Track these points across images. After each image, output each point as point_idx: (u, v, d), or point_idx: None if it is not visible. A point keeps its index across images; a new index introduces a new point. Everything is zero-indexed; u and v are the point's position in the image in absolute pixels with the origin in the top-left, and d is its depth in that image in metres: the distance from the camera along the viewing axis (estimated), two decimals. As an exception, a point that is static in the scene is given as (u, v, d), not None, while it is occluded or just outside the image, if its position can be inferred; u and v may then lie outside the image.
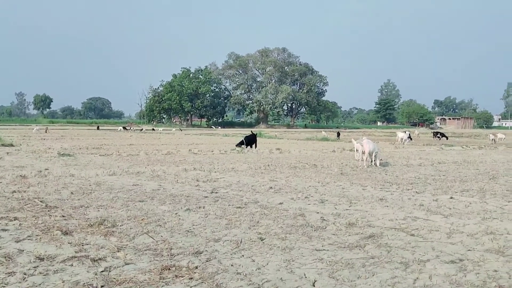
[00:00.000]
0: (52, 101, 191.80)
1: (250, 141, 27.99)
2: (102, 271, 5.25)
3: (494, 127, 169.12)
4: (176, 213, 8.35)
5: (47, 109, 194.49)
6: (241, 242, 6.49)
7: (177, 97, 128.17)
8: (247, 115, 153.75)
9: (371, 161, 17.44)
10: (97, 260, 5.62)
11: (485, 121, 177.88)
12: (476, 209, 9.16)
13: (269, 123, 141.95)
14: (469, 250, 6.26)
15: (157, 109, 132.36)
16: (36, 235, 6.66)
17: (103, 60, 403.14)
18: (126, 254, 5.84)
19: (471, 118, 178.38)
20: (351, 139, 25.84)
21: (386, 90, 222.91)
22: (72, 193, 10.34)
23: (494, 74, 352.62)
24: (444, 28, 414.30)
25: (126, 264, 5.51)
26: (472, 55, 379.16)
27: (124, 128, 78.93)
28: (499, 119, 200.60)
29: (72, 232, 6.86)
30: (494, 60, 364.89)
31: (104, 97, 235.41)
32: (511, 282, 5.09)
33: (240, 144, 27.86)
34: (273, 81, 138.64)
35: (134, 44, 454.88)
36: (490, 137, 43.76)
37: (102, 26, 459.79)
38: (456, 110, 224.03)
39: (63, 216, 7.98)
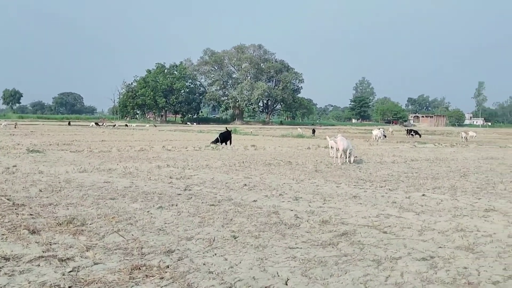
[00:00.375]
0: (22, 96, 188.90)
1: (225, 138, 27.84)
2: (70, 271, 5.11)
3: (466, 125, 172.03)
4: (148, 211, 8.22)
5: (17, 104, 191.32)
6: (214, 240, 6.41)
7: (151, 93, 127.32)
8: (223, 112, 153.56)
9: (346, 158, 17.49)
10: (65, 260, 5.48)
11: (457, 119, 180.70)
12: (447, 206, 9.23)
13: (244, 119, 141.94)
14: (440, 247, 6.30)
15: (131, 104, 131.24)
16: (2, 234, 6.47)
17: (75, 54, 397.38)
18: (95, 254, 5.71)
19: (443, 116, 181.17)
20: (326, 137, 25.91)
21: (361, 88, 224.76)
22: (40, 190, 10.11)
23: (465, 74, 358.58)
24: (418, 28, 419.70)
25: (95, 264, 5.38)
26: (445, 54, 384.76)
27: (97, 124, 77.87)
28: (470, 117, 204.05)
29: (40, 231, 6.69)
30: (466, 60, 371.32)
31: (76, 92, 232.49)
32: (480, 278, 5.12)
33: (215, 141, 27.66)
34: (249, 77, 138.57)
35: (107, 39, 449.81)
36: (462, 135, 44.42)
37: (73, 20, 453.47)
38: (429, 108, 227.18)
39: (31, 214, 7.79)
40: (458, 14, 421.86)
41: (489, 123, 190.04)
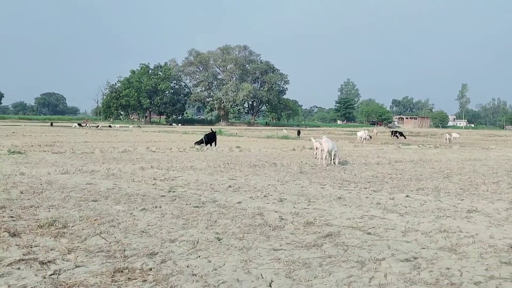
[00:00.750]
0: (3, 96, 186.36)
1: (210, 139, 27.67)
2: (51, 275, 5.04)
3: (449, 126, 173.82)
4: (131, 213, 8.14)
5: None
6: (197, 242, 6.37)
7: (135, 94, 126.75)
8: (208, 113, 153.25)
9: (331, 160, 17.51)
10: (46, 263, 5.40)
11: (440, 121, 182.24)
12: (431, 207, 9.29)
13: (229, 120, 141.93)
14: (423, 248, 6.32)
15: (114, 105, 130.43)
16: (-18, 237, 6.36)
17: (58, 55, 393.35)
18: (77, 256, 5.64)
19: (427, 117, 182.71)
20: (311, 138, 25.96)
21: (346, 89, 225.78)
22: (21, 192, 9.96)
23: (449, 76, 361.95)
24: (403, 30, 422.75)
25: (76, 266, 5.31)
26: (429, 56, 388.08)
27: (80, 124, 77.04)
28: (454, 119, 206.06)
29: (21, 233, 6.58)
30: (450, 62, 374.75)
31: (59, 92, 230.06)
32: (462, 279, 5.15)
33: (199, 142, 27.47)
34: (234, 78, 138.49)
35: (90, 38, 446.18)
36: (446, 137, 44.80)
37: (56, 20, 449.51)
38: (413, 110, 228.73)
39: (12, 216, 7.66)
40: (441, 16, 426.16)
41: (472, 125, 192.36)
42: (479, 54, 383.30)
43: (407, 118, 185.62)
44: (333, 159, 17.50)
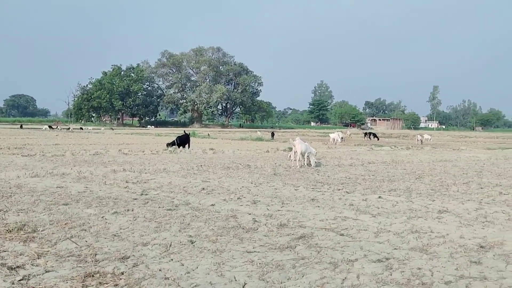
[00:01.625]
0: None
1: (183, 141, 27.41)
2: (20, 280, 4.95)
3: (421, 128, 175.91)
4: (102, 217, 8.03)
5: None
6: (170, 245, 6.32)
7: (107, 95, 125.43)
8: (181, 115, 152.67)
9: (304, 161, 17.57)
10: (15, 268, 5.29)
11: (412, 122, 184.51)
12: (403, 208, 9.39)
13: (203, 122, 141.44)
14: (395, 248, 6.38)
15: (86, 107, 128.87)
16: None
17: (27, 55, 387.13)
18: (47, 261, 5.54)
19: (399, 119, 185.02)
20: (289, 139, 26.03)
21: (319, 91, 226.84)
22: (-10, 196, 9.75)
23: (421, 78, 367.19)
24: (375, 32, 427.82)
25: (46, 271, 5.22)
26: (401, 58, 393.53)
27: (50, 127, 75.74)
28: (426, 120, 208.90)
29: (-11, 238, 6.44)
30: (422, 65, 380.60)
31: (28, 94, 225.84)
32: (433, 279, 5.22)
33: (171, 144, 27.14)
34: (208, 80, 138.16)
35: (61, 39, 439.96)
36: (418, 138, 45.37)
37: (24, 20, 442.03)
38: (386, 112, 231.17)
39: (-20, 221, 7.49)
40: (412, 19, 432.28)
41: (443, 126, 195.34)
42: (450, 57, 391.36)
43: (380, 119, 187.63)
44: (308, 160, 17.56)
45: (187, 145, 27.19)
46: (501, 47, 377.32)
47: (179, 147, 26.62)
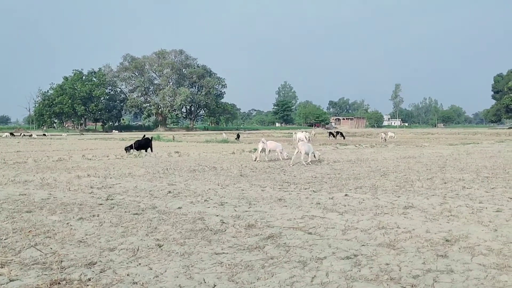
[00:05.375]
0: None
1: (142, 145, 26.84)
2: (-18, 291, 4.80)
3: (384, 126, 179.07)
4: (67, 223, 7.89)
5: None
6: (138, 250, 6.24)
7: (69, 101, 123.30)
8: (145, 118, 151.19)
9: (309, 159, 18.62)
10: (-24, 278, 5.13)
11: (376, 121, 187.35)
12: (369, 205, 9.51)
13: (168, 126, 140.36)
14: (363, 245, 6.45)
15: (48, 113, 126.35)
16: None
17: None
18: (11, 270, 5.40)
19: (363, 118, 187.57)
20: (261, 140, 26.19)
21: (283, 92, 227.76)
22: (-51, 206, 9.46)
23: (383, 76, 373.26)
24: (337, 32, 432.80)
25: (10, 280, 5.10)
26: (363, 58, 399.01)
27: (12, 134, 73.96)
28: (389, 118, 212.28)
29: None
30: (383, 63, 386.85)
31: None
32: (401, 274, 5.29)
33: (129, 148, 26.37)
34: (171, 83, 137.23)
35: (18, 44, 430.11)
36: (382, 136, 46.08)
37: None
38: (350, 111, 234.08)
39: None
40: (373, 19, 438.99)
41: (406, 124, 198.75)
42: (411, 55, 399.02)
43: (343, 119, 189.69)
44: (310, 158, 18.79)
45: (149, 149, 26.76)
46: (460, 44, 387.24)
47: (137, 150, 26.09)
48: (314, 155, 19.25)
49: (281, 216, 8.41)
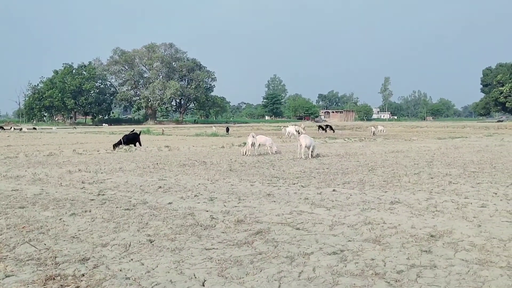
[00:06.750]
0: None
1: (131, 140, 26.75)
2: (-22, 286, 4.93)
3: (374, 119, 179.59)
4: (60, 219, 8.00)
5: None
6: (130, 245, 6.38)
7: (59, 94, 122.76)
8: (135, 112, 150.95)
9: (309, 154, 19.12)
10: (-28, 274, 5.26)
11: (365, 114, 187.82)
12: (356, 200, 9.67)
13: (157, 119, 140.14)
14: (349, 240, 6.62)
15: (38, 107, 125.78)
16: None
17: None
18: (6, 266, 5.53)
19: (352, 111, 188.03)
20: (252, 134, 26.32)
21: (273, 85, 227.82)
22: None
23: (372, 69, 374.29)
24: (326, 25, 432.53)
25: (6, 276, 5.22)
26: (352, 51, 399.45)
27: (2, 128, 73.69)
28: (378, 111, 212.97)
29: None
30: (372, 56, 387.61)
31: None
32: (386, 269, 5.46)
33: (118, 144, 26.10)
34: (161, 77, 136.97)
35: (7, 38, 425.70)
36: (371, 130, 46.26)
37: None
38: (339, 104, 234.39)
39: None
40: (363, 12, 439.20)
41: (395, 117, 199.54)
42: (400, 48, 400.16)
43: (333, 112, 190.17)
44: (309, 153, 19.14)
45: (138, 144, 26.73)
46: (449, 37, 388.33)
47: (126, 145, 26.02)
48: (312, 152, 19.28)
49: (270, 212, 8.55)
